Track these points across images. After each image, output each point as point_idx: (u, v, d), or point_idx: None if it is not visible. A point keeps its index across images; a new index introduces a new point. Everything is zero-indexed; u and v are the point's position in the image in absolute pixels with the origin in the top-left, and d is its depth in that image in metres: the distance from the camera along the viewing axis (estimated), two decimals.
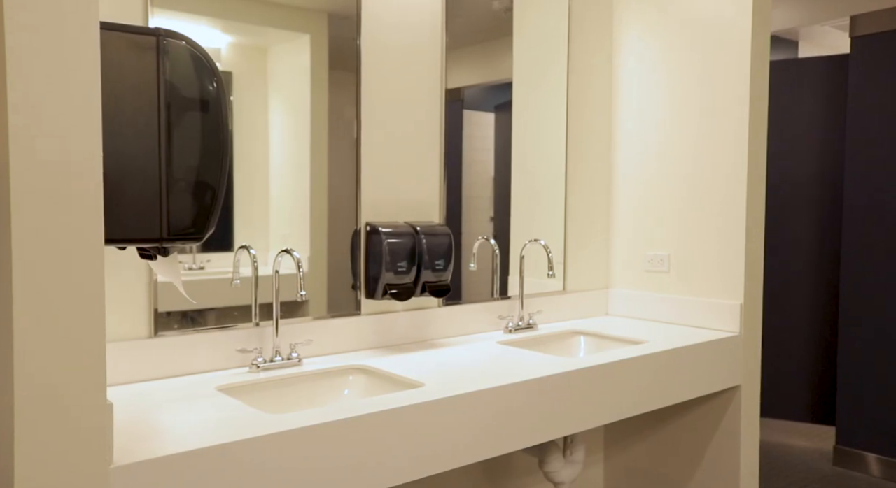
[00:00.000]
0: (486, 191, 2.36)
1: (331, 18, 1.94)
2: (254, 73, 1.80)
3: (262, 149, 1.82)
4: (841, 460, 3.45)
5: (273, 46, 1.83)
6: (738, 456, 2.28)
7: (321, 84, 1.92)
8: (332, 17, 1.95)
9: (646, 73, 2.54)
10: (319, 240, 1.94)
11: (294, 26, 1.87)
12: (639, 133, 2.57)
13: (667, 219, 2.49)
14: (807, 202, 3.65)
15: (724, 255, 2.32)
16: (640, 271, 2.58)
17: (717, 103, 2.33)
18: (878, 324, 3.30)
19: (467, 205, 2.30)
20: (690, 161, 2.41)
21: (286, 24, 1.85)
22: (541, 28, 2.44)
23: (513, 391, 1.62)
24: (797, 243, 3.68)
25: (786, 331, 3.74)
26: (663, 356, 2.01)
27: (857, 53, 3.34)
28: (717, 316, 2.32)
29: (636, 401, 1.94)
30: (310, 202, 1.92)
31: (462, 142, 2.28)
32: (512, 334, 2.24)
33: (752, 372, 2.32)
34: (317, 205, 1.93)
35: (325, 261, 1.94)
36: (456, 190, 2.26)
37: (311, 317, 1.89)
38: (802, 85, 3.64)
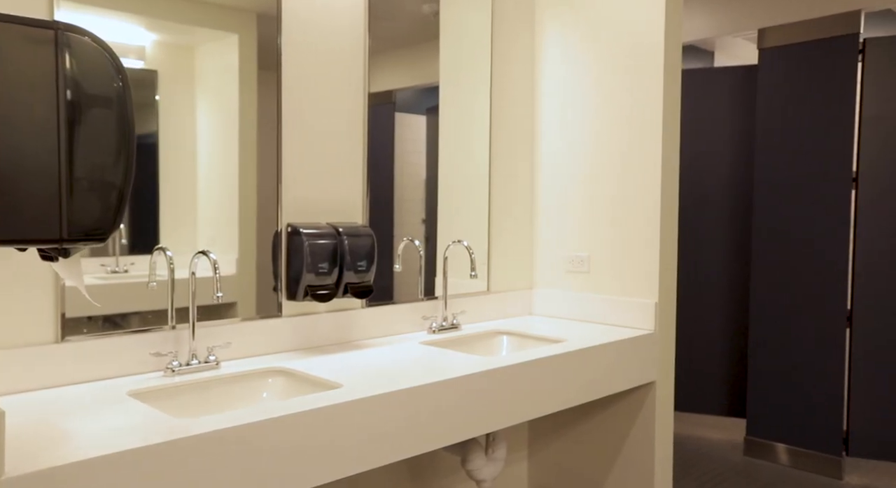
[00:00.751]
0: (419, 193, 2.37)
1: (260, 18, 1.92)
2: (180, 73, 1.76)
3: (188, 149, 1.78)
4: (751, 450, 3.62)
5: (201, 45, 1.80)
6: (652, 449, 2.36)
7: (250, 84, 1.90)
8: (262, 17, 1.93)
9: (565, 78, 2.60)
10: (248, 241, 1.91)
11: (222, 26, 1.84)
12: (560, 137, 2.63)
13: (587, 221, 2.56)
14: (721, 205, 3.82)
15: (640, 256, 2.40)
16: (562, 271, 2.64)
17: (632, 109, 2.41)
18: (785, 321, 3.47)
19: (400, 206, 2.31)
20: (608, 165, 2.48)
21: (214, 23, 1.82)
22: (465, 32, 2.47)
23: (432, 390, 1.63)
24: (711, 244, 3.84)
25: (700, 329, 3.89)
26: (582, 354, 2.06)
27: (764, 64, 3.51)
28: (634, 314, 2.40)
29: (556, 399, 1.98)
30: (238, 203, 1.89)
31: (394, 145, 2.28)
32: (435, 334, 2.26)
33: (666, 368, 2.41)
34: (245, 207, 1.90)
35: (253, 263, 1.92)
36: (388, 191, 2.27)
37: (230, 319, 1.86)
38: (717, 93, 3.81)
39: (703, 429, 4.10)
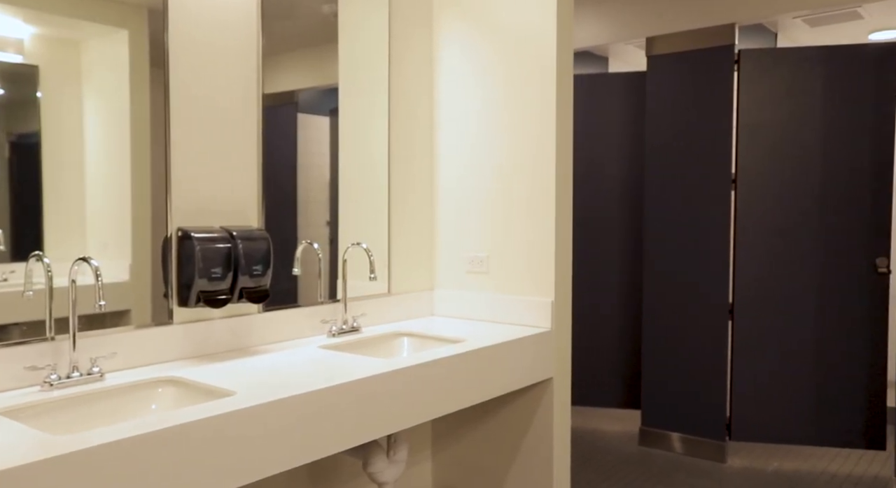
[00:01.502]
0: (323, 195, 2.34)
1: (151, 13, 1.85)
2: (65, 69, 1.67)
3: (75, 150, 1.69)
4: (646, 440, 3.79)
5: (87, 40, 1.71)
6: (551, 443, 2.43)
7: (141, 82, 1.82)
8: (153, 13, 1.85)
9: (463, 80, 2.64)
10: (142, 246, 1.83)
11: (110, 20, 1.75)
12: (458, 139, 2.67)
13: (486, 222, 2.60)
14: (615, 204, 3.97)
15: (537, 256, 2.47)
16: (463, 272, 2.67)
17: (527, 111, 2.47)
18: (675, 316, 3.66)
19: (304, 209, 2.28)
20: (505, 166, 2.54)
21: (101, 17, 1.73)
22: (363, 33, 2.46)
23: (330, 394, 1.62)
24: (606, 243, 4.00)
25: (597, 325, 4.04)
26: (481, 353, 2.10)
27: (652, 71, 3.69)
28: (531, 313, 2.46)
29: (456, 398, 2.01)
30: (131, 207, 1.81)
31: (297, 146, 2.25)
32: (335, 338, 2.24)
33: (563, 364, 2.49)
34: (139, 211, 1.82)
35: (148, 269, 1.84)
36: (291, 194, 2.23)
37: (121, 327, 1.78)
38: (611, 97, 3.96)
39: (601, 422, 4.26)
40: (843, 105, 3.33)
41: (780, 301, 3.45)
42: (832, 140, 3.35)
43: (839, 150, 3.34)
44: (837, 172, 3.35)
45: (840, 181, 3.35)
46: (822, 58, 3.35)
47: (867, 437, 3.39)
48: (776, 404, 3.48)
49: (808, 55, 3.37)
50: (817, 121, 3.36)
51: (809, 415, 3.44)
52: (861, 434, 3.40)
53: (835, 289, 3.38)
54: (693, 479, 3.32)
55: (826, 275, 3.39)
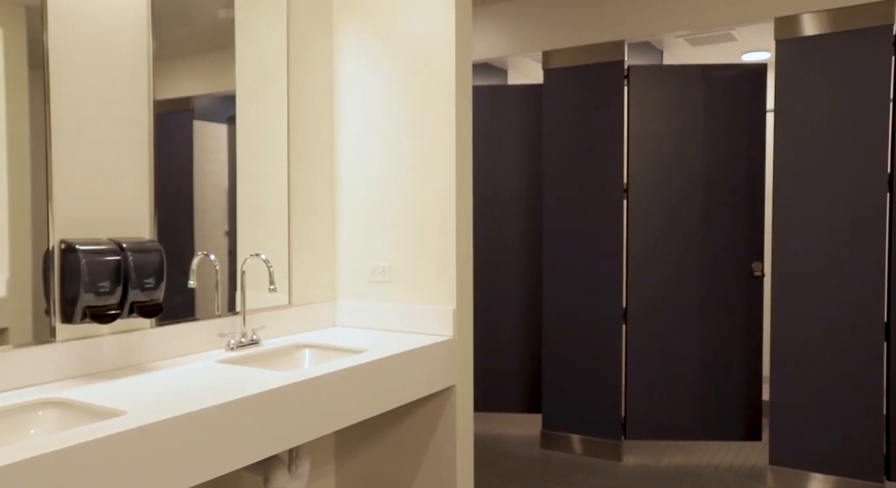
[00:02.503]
0: (221, 204, 2.28)
1: (28, 11, 1.74)
2: None
3: None
4: (547, 443, 3.89)
5: None
6: (454, 450, 2.46)
7: (19, 85, 1.71)
8: (31, 11, 1.74)
9: (363, 90, 2.64)
10: (22, 260, 1.71)
11: None
12: (359, 148, 2.66)
13: (387, 231, 2.61)
14: (515, 213, 4.07)
15: (438, 265, 2.49)
16: (365, 282, 2.67)
17: (428, 121, 2.50)
18: (573, 321, 3.79)
19: (201, 219, 2.20)
20: (406, 175, 2.55)
21: None
22: (261, 39, 2.42)
23: (227, 410, 1.58)
24: (507, 251, 4.09)
25: (499, 332, 4.12)
26: (384, 363, 2.10)
27: (548, 84, 3.81)
28: (434, 321, 2.48)
29: (359, 409, 2.00)
30: (8, 219, 1.69)
31: (193, 154, 2.17)
32: (233, 351, 2.18)
33: (465, 371, 2.53)
34: (17, 222, 1.71)
35: (28, 284, 1.72)
36: (187, 204, 2.15)
37: None
38: (511, 108, 4.07)
39: (504, 427, 4.34)
40: (721, 119, 3.57)
41: (668, 305, 3.64)
42: (712, 152, 3.58)
43: (719, 162, 3.57)
44: (717, 182, 3.58)
45: (720, 191, 3.58)
46: (702, 75, 3.58)
47: (745, 430, 3.63)
48: (666, 403, 3.66)
49: (690, 72, 3.58)
50: (699, 134, 3.58)
51: (696, 412, 3.64)
52: (740, 427, 3.63)
53: (716, 292, 3.60)
54: (591, 478, 3.44)
55: (709, 280, 3.60)
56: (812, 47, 3.18)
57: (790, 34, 3.22)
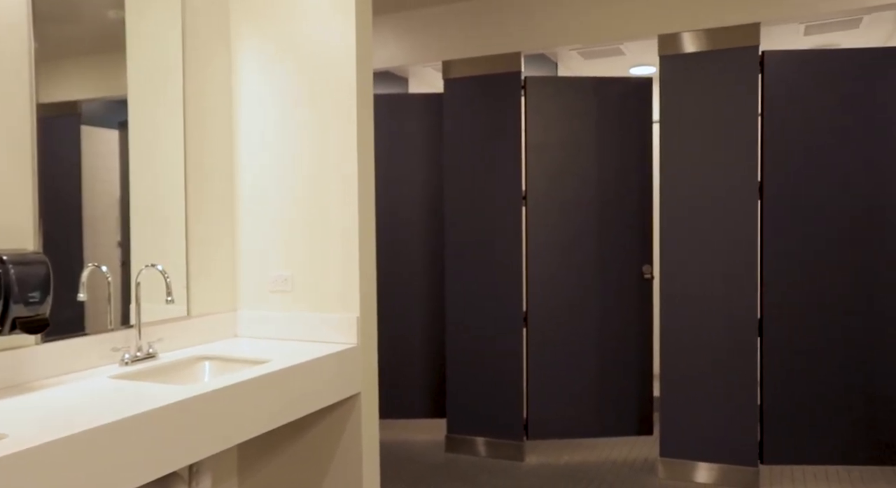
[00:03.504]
0: (113, 213, 2.18)
1: None
2: None
3: None
4: (452, 447, 3.94)
5: None
6: (360, 458, 2.46)
7: None
8: None
9: (264, 97, 2.61)
10: None
11: None
12: (260, 156, 2.63)
13: (289, 240, 2.58)
14: (418, 220, 4.12)
15: (341, 273, 2.49)
16: (267, 291, 2.63)
17: (329, 129, 2.50)
18: (476, 325, 3.86)
19: (91, 229, 2.10)
20: (308, 183, 2.54)
21: None
22: (155, 42, 2.34)
23: (120, 427, 1.52)
24: (411, 258, 4.13)
25: (403, 338, 4.15)
26: (287, 373, 2.08)
27: (448, 93, 3.89)
28: (337, 329, 2.48)
29: (262, 420, 1.97)
30: None
31: (81, 161, 2.07)
32: (128, 366, 2.10)
33: (369, 378, 2.53)
34: None
35: None
36: (75, 213, 2.05)
37: None
38: (412, 117, 4.11)
39: (410, 433, 4.36)
40: (612, 129, 3.75)
41: (566, 308, 3.78)
42: (605, 160, 3.75)
43: (611, 170, 3.76)
44: (610, 189, 3.76)
45: (612, 197, 3.76)
46: (594, 87, 3.75)
47: (639, 425, 3.82)
48: (566, 403, 3.80)
49: (583, 84, 3.75)
50: (592, 143, 3.75)
51: (593, 410, 3.80)
52: (634, 422, 3.81)
53: (610, 294, 3.77)
54: (495, 479, 3.52)
55: (603, 283, 3.77)
56: (692, 63, 3.40)
57: (672, 51, 3.44)
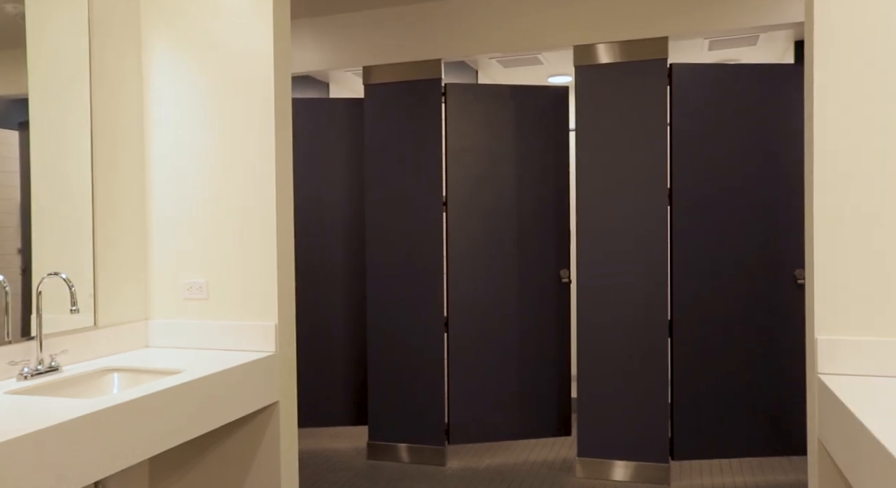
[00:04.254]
0: (13, 219, 2.06)
1: None
2: None
3: None
4: (374, 454, 3.92)
5: None
6: (279, 468, 2.42)
7: None
8: None
9: (178, 100, 2.53)
10: None
11: None
12: (173, 159, 2.55)
13: (204, 247, 2.51)
14: (339, 226, 4.08)
15: (259, 280, 2.45)
16: (181, 299, 2.55)
17: (245, 134, 2.45)
18: (397, 331, 3.86)
19: None
20: (224, 189, 2.48)
21: None
22: (59, 39, 2.24)
23: (16, 446, 1.44)
24: (332, 264, 4.08)
25: (324, 346, 4.10)
26: (201, 383, 2.02)
27: (369, 98, 3.88)
28: (255, 337, 2.43)
29: (175, 432, 1.90)
30: None
31: None
32: (27, 381, 1.99)
33: (288, 387, 2.49)
34: None
35: None
36: None
37: None
38: (333, 122, 4.08)
39: (331, 441, 4.31)
40: (530, 136, 3.83)
41: (486, 312, 3.83)
42: (524, 167, 3.83)
43: (529, 176, 3.83)
44: (528, 195, 3.84)
45: (531, 203, 3.84)
46: (513, 95, 3.82)
47: (558, 426, 3.90)
48: (487, 406, 3.85)
49: (502, 92, 3.82)
50: (511, 149, 3.82)
51: (513, 413, 3.86)
52: (553, 424, 3.90)
53: (530, 298, 3.85)
54: (417, 485, 3.52)
55: (522, 287, 3.84)
56: (605, 74, 3.52)
57: (587, 61, 3.55)
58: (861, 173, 1.88)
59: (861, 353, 1.85)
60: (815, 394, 1.94)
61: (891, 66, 1.85)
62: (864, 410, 1.51)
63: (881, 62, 1.86)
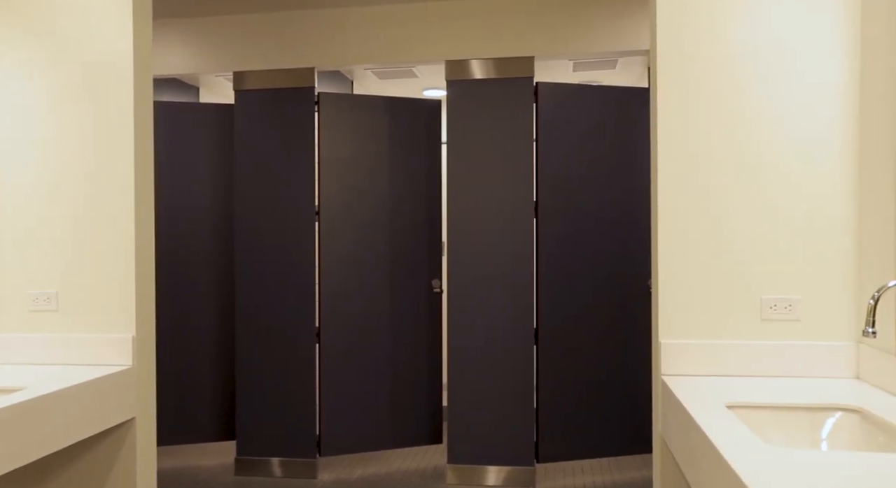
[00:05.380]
0: None
1: None
2: None
3: None
4: (243, 469, 3.80)
5: None
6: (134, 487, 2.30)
7: None
8: None
9: (26, 100, 2.37)
10: None
11: None
12: (22, 159, 2.38)
13: (54, 254, 2.36)
14: (206, 234, 3.94)
15: (115, 290, 2.33)
16: (26, 312, 2.37)
17: (102, 138, 2.33)
18: (267, 343, 3.78)
19: None
20: (77, 193, 2.34)
21: None
22: None
23: None
24: (198, 273, 3.94)
25: (188, 359, 3.94)
26: (45, 400, 1.89)
27: (240, 105, 3.79)
28: (110, 350, 2.30)
29: (13, 455, 1.77)
30: None
31: None
32: None
33: (146, 402, 2.38)
34: None
35: None
36: None
37: None
38: (202, 127, 3.94)
39: (196, 459, 4.14)
40: (404, 148, 3.89)
41: (359, 322, 3.82)
42: (397, 178, 3.87)
43: (402, 186, 3.88)
44: (402, 206, 3.88)
45: (404, 214, 3.88)
46: (387, 106, 3.86)
47: (430, 434, 3.96)
48: (359, 417, 3.83)
49: (376, 103, 3.85)
50: (385, 161, 3.85)
51: (386, 423, 3.87)
52: (425, 432, 3.95)
53: (402, 308, 3.88)
54: None
55: (395, 297, 3.87)
56: (476, 89, 3.64)
57: (459, 76, 3.65)
58: (693, 198, 2.05)
59: (697, 355, 2.02)
60: (658, 394, 2.09)
61: (725, 95, 2.04)
62: (695, 406, 1.65)
63: (717, 90, 2.05)
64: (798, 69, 2.01)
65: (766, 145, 2.02)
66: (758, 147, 2.03)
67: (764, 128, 2.02)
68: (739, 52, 2.03)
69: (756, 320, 2.02)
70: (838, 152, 2.00)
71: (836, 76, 2.00)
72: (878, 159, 1.87)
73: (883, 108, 1.83)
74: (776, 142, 2.02)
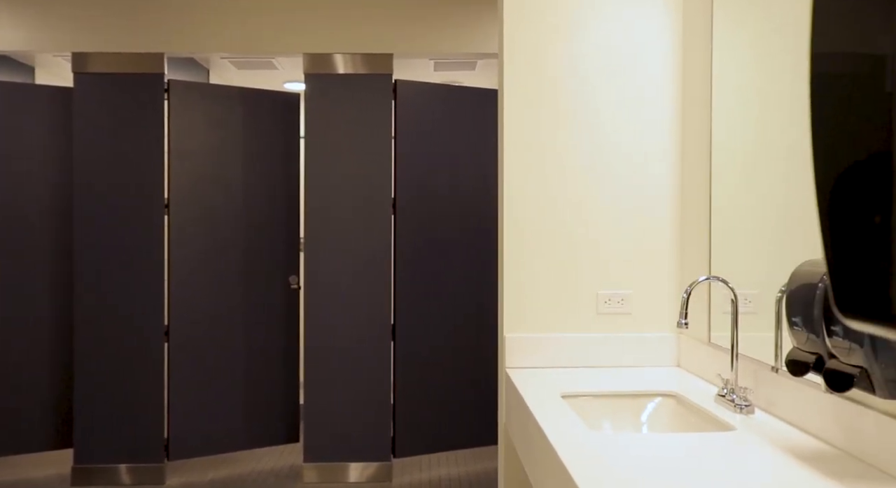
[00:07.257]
0: None
1: None
2: None
3: None
4: (80, 478, 3.56)
5: None
6: None
7: None
8: None
9: None
10: None
11: None
12: None
13: None
14: (42, 227, 3.64)
15: None
16: None
17: None
18: (110, 343, 3.55)
19: None
20: None
21: None
22: None
23: None
24: (31, 272, 3.63)
25: (16, 364, 3.63)
26: None
27: (79, 89, 3.54)
28: None
29: None
30: None
31: None
32: None
33: None
34: None
35: None
36: None
37: None
38: (38, 111, 3.63)
39: (28, 470, 3.82)
40: (261, 141, 3.78)
41: (211, 320, 3.68)
42: (253, 172, 3.76)
43: (258, 180, 3.77)
44: (257, 199, 3.77)
45: (260, 209, 3.78)
46: (242, 97, 3.74)
47: (286, 433, 3.88)
48: (211, 418, 3.69)
49: (230, 93, 3.71)
50: (240, 153, 3.73)
51: (240, 423, 3.76)
52: (281, 431, 3.87)
53: (258, 305, 3.78)
54: None
55: (250, 294, 3.76)
56: (335, 84, 3.60)
57: (318, 70, 3.60)
58: (535, 199, 2.15)
59: (539, 348, 2.12)
60: (503, 387, 2.18)
61: (566, 100, 2.15)
62: (532, 397, 1.73)
63: (558, 95, 2.16)
64: (630, 74, 2.16)
65: (604, 148, 2.15)
66: (599, 149, 2.15)
67: (602, 132, 2.15)
68: (580, 57, 2.15)
69: (593, 314, 2.15)
70: (669, 154, 2.16)
71: (662, 82, 2.16)
72: (696, 161, 2.04)
73: (699, 111, 2.01)
74: (612, 146, 2.15)
